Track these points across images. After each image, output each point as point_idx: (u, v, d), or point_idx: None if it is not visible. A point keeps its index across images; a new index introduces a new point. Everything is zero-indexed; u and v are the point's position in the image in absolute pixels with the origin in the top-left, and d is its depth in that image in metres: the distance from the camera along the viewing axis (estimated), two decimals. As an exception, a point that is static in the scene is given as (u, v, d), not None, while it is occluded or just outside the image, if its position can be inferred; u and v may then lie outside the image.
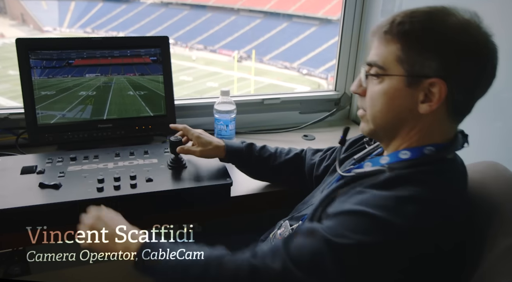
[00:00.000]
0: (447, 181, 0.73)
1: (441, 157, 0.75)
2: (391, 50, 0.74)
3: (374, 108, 0.78)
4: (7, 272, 1.47)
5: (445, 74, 0.70)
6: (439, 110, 0.73)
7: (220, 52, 23.32)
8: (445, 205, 0.70)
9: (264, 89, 18.49)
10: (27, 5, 26.41)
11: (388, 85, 0.75)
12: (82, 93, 1.35)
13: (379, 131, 0.81)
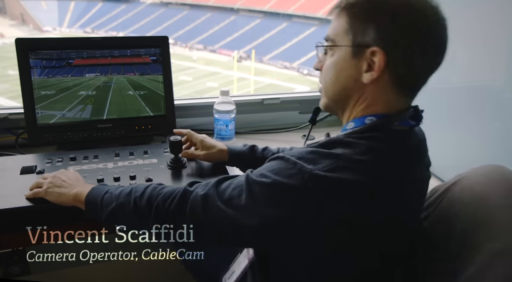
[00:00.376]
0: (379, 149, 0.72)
1: (383, 126, 0.75)
2: (341, 23, 0.76)
3: (325, 80, 0.82)
4: (6, 272, 1.47)
5: (383, 43, 0.72)
6: (382, 80, 0.74)
7: (220, 52, 23.33)
8: (366, 167, 0.70)
9: (263, 89, 18.50)
10: (27, 5, 26.42)
11: (337, 57, 0.78)
12: (82, 93, 1.35)
13: (331, 104, 0.83)
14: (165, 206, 0.81)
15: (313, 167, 0.68)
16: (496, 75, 1.12)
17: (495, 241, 0.73)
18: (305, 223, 0.69)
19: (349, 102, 0.80)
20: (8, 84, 16.25)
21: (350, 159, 0.69)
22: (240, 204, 0.72)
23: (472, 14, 1.18)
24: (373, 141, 0.73)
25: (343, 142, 0.73)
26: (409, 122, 0.77)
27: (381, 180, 0.71)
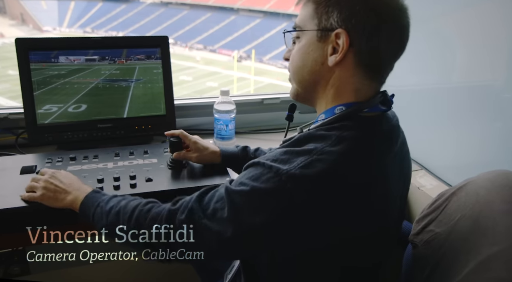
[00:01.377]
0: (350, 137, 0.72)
1: (353, 115, 0.76)
2: (307, 10, 0.78)
3: (293, 66, 0.83)
4: (6, 272, 1.47)
5: (347, 24, 0.73)
6: (347, 63, 0.75)
7: (219, 52, 23.34)
8: (339, 158, 0.69)
9: (263, 89, 18.51)
10: (27, 5, 26.43)
11: (303, 42, 0.79)
12: (82, 93, 1.35)
13: (301, 91, 0.84)
14: (151, 230, 0.81)
15: (288, 167, 0.68)
16: (496, 75, 1.12)
17: (493, 245, 0.72)
18: (290, 224, 0.68)
19: (318, 89, 0.81)
20: (8, 84, 16.26)
21: (323, 151, 0.69)
22: (224, 217, 0.71)
23: (473, 14, 1.18)
24: (343, 130, 0.73)
25: (314, 136, 0.73)
26: (379, 107, 0.78)
27: (354, 168, 0.71)
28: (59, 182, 0.99)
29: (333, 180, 0.68)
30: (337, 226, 0.70)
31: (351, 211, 0.71)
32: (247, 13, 25.55)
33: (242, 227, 0.70)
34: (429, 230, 0.87)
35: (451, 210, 0.84)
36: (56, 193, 0.97)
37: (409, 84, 1.44)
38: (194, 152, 1.16)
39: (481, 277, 0.71)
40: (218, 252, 0.77)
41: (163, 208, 0.83)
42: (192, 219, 0.76)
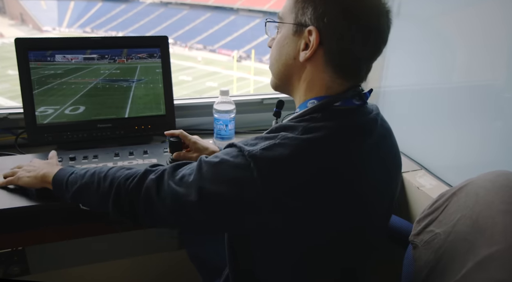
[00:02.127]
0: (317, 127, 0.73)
1: (325, 108, 0.77)
2: (289, 2, 0.79)
3: (271, 57, 0.85)
4: (6, 272, 1.47)
5: (318, 23, 0.74)
6: (317, 60, 0.76)
7: (219, 52, 23.35)
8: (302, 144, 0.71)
9: (263, 89, 18.50)
10: (26, 5, 26.43)
11: (280, 34, 0.81)
12: (81, 93, 1.34)
13: (278, 82, 0.86)
14: (125, 185, 0.83)
15: (252, 148, 0.71)
16: (496, 74, 1.12)
17: (491, 246, 0.72)
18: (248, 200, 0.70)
19: (292, 82, 0.83)
20: (8, 84, 16.26)
21: (285, 137, 0.71)
22: (189, 181, 0.75)
23: (473, 14, 1.18)
24: (311, 121, 0.74)
25: (285, 126, 0.75)
26: (352, 102, 0.78)
27: (316, 155, 0.71)
28: (37, 163, 1.04)
29: (292, 165, 0.69)
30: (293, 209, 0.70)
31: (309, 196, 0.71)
32: (246, 13, 25.54)
33: (203, 194, 0.72)
34: (429, 231, 0.87)
35: (451, 211, 0.84)
36: (31, 172, 1.00)
37: (409, 84, 1.44)
38: (194, 152, 1.16)
39: (478, 277, 0.71)
40: (176, 217, 0.79)
41: (140, 169, 0.85)
42: (161, 179, 0.79)
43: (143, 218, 0.83)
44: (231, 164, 0.71)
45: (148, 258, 1.64)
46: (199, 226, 0.85)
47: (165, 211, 0.78)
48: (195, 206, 0.73)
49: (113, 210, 0.85)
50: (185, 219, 0.79)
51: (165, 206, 0.78)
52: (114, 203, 0.84)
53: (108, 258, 1.59)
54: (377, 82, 1.65)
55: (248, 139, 0.75)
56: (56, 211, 1.00)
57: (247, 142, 0.74)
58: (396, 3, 1.51)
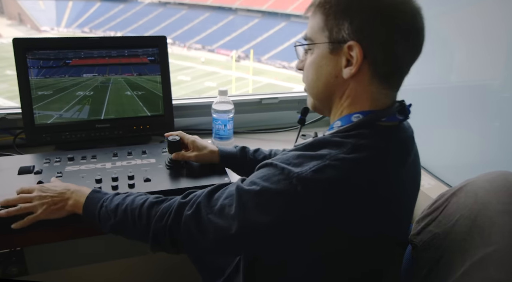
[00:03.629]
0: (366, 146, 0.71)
1: (370, 123, 0.75)
2: (316, 21, 0.77)
3: (307, 79, 0.82)
4: (5, 273, 1.46)
5: (359, 37, 0.71)
6: (362, 74, 0.74)
7: (218, 52, 23.33)
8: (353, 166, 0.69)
9: (262, 89, 18.51)
10: (25, 5, 26.37)
11: (315, 55, 0.78)
12: (79, 93, 1.34)
13: (317, 103, 0.84)
14: (162, 224, 0.82)
15: (300, 170, 0.67)
16: (495, 74, 1.12)
17: (488, 246, 0.73)
18: (296, 227, 0.68)
19: (333, 100, 0.80)
20: (6, 84, 16.23)
21: (336, 158, 0.68)
22: (231, 213, 0.72)
23: (472, 13, 1.18)
24: (359, 138, 0.72)
25: (330, 141, 0.72)
26: (396, 117, 0.77)
27: (368, 177, 0.70)
28: (52, 192, 0.96)
29: (345, 188, 0.68)
30: (344, 233, 0.70)
31: (360, 219, 0.70)
32: (245, 13, 25.54)
33: (247, 225, 0.70)
34: (428, 231, 0.87)
35: (450, 211, 0.84)
36: (55, 204, 0.95)
37: (408, 84, 1.44)
38: (192, 151, 1.16)
39: (476, 276, 0.71)
40: (220, 248, 0.78)
41: (174, 201, 0.84)
42: (199, 213, 0.77)
43: (185, 251, 0.83)
44: (274, 191, 0.68)
45: (147, 258, 1.63)
46: (242, 253, 0.85)
47: (207, 244, 0.78)
48: (238, 237, 0.72)
49: (153, 246, 0.84)
50: (229, 248, 0.78)
51: (207, 239, 0.77)
52: (153, 240, 0.83)
53: (107, 258, 1.58)
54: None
55: (288, 157, 0.71)
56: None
57: (288, 161, 0.70)
58: (395, 3, 1.51)
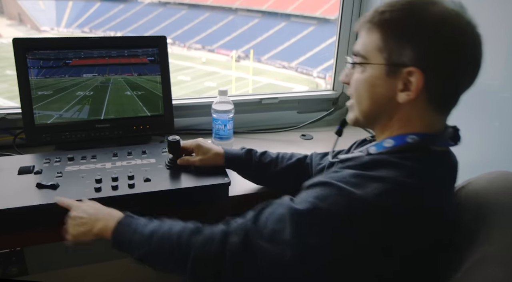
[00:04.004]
0: (424, 171, 0.71)
1: (425, 146, 0.74)
2: (373, 39, 0.75)
3: (357, 95, 0.80)
4: (4, 273, 1.46)
5: (422, 64, 0.70)
6: (418, 100, 0.73)
7: (218, 52, 23.30)
8: (414, 192, 0.68)
9: (262, 89, 18.50)
10: (24, 5, 26.35)
11: (369, 74, 0.76)
12: (79, 93, 1.34)
13: (361, 119, 0.82)
14: (204, 253, 0.75)
15: (361, 192, 0.65)
16: (495, 74, 1.12)
17: (489, 245, 0.73)
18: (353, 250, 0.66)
19: (382, 119, 0.78)
20: (6, 84, 16.21)
21: (396, 181, 0.67)
22: (284, 238, 0.68)
23: (472, 13, 1.18)
24: (417, 162, 0.71)
25: (387, 162, 0.71)
26: (448, 142, 0.77)
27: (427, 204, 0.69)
28: (82, 212, 0.93)
29: (404, 213, 0.67)
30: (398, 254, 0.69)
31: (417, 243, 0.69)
32: (245, 13, 25.51)
33: (303, 250, 0.67)
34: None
35: None
36: (82, 225, 0.91)
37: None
38: (197, 155, 1.15)
39: (476, 276, 0.71)
40: (271, 277, 0.71)
41: (216, 229, 0.78)
42: (248, 241, 0.72)
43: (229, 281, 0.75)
44: (332, 212, 0.66)
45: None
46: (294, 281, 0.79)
47: (256, 273, 0.72)
48: (292, 263, 0.68)
49: (191, 277, 0.78)
50: (281, 276, 0.71)
51: (257, 268, 0.71)
52: (191, 272, 0.76)
53: (107, 258, 1.58)
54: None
55: (344, 176, 0.69)
56: (54, 212, 0.99)
57: (345, 180, 0.68)
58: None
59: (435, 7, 0.72)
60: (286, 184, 1.18)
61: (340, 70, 1.77)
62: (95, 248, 1.51)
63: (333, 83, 1.81)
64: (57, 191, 1.02)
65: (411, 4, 0.73)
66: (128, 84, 1.39)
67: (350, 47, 1.73)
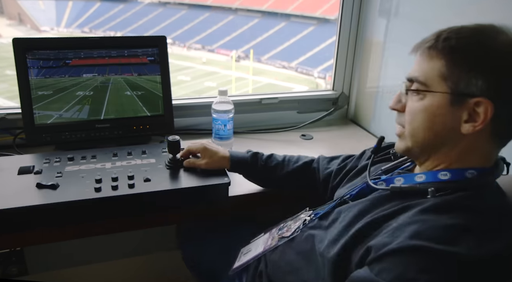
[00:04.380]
0: (492, 208, 0.70)
1: (484, 182, 0.72)
2: (435, 66, 0.71)
3: (413, 124, 0.76)
4: (4, 273, 1.46)
5: (492, 94, 0.67)
6: (483, 131, 0.70)
7: (218, 52, 23.29)
8: (499, 235, 0.66)
9: (262, 89, 18.49)
10: (24, 5, 26.33)
11: (430, 102, 0.72)
12: (79, 93, 1.34)
13: (415, 149, 0.78)
14: None
15: (459, 250, 0.61)
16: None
17: None
18: None
19: (440, 150, 0.75)
20: (6, 84, 16.21)
21: (482, 229, 0.64)
22: None
23: (471, 13, 1.18)
24: (486, 200, 0.70)
25: (459, 205, 0.68)
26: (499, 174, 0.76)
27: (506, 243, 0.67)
28: None
29: (498, 260, 0.65)
30: None
31: None
32: (245, 13, 25.49)
33: None
34: None
35: None
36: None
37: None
38: (203, 158, 1.14)
39: None
40: None
41: None
42: None
43: None
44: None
45: (147, 258, 1.63)
46: None
47: None
48: None
49: None
50: None
51: None
52: None
53: (107, 258, 1.58)
54: (375, 82, 1.66)
55: (432, 232, 0.64)
56: (54, 212, 1.00)
57: (434, 236, 0.63)
58: (395, 3, 1.51)
59: (504, 35, 0.69)
60: (292, 186, 1.19)
61: (340, 70, 1.77)
62: (95, 248, 1.52)
63: (333, 83, 1.81)
64: (57, 191, 1.02)
65: (478, 31, 0.70)
66: (128, 84, 1.39)
67: (350, 47, 1.73)
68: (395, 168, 0.89)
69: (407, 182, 0.78)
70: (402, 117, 0.78)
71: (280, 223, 1.05)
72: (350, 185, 0.97)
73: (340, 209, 0.85)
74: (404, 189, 0.75)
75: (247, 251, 1.05)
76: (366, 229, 0.73)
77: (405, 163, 0.89)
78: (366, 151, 1.05)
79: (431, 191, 0.71)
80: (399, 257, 0.63)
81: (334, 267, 0.74)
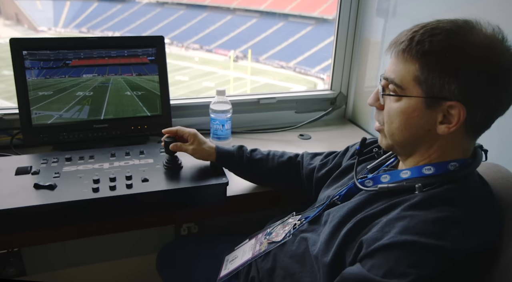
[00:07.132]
0: (477, 199, 0.72)
1: (466, 173, 0.74)
2: (410, 70, 0.72)
3: (391, 125, 0.78)
4: (2, 273, 1.46)
5: (464, 98, 0.69)
6: (457, 130, 0.72)
7: (216, 52, 23.29)
8: (486, 226, 0.69)
9: (260, 89, 18.50)
10: (22, 5, 26.26)
11: (406, 105, 0.74)
12: (79, 94, 1.34)
13: (396, 147, 0.81)
14: None
15: (445, 244, 0.63)
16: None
17: None
18: None
19: (419, 148, 0.78)
20: (3, 84, 16.17)
21: (469, 221, 0.67)
22: None
23: (470, 13, 1.18)
24: (471, 192, 0.72)
25: (444, 198, 0.70)
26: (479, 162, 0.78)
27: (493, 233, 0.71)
28: None
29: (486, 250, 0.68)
30: None
31: None
32: (243, 13, 25.50)
33: None
34: None
35: None
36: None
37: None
38: (191, 144, 1.14)
39: None
40: None
41: None
42: None
43: None
44: (433, 276, 0.62)
45: (147, 258, 1.63)
46: None
47: None
48: None
49: None
50: None
51: None
52: None
53: (105, 258, 1.58)
54: (373, 82, 1.66)
55: (420, 227, 0.65)
56: (52, 212, 0.99)
57: (422, 231, 0.64)
58: (392, 3, 1.51)
59: (476, 36, 0.69)
60: (276, 181, 1.19)
61: (337, 70, 1.78)
62: (93, 249, 1.52)
63: (331, 83, 1.81)
64: (54, 192, 1.02)
65: (451, 33, 0.70)
66: (128, 84, 1.39)
67: (348, 47, 1.73)
68: (380, 166, 0.91)
69: (393, 179, 0.80)
70: (381, 115, 0.81)
71: (265, 228, 1.05)
72: (338, 185, 0.97)
73: (330, 211, 0.86)
74: (392, 189, 0.77)
75: (233, 258, 1.05)
76: (357, 228, 0.75)
77: (389, 159, 0.91)
78: (350, 148, 1.06)
79: (418, 187, 0.73)
80: (390, 252, 0.65)
81: (330, 270, 0.75)
